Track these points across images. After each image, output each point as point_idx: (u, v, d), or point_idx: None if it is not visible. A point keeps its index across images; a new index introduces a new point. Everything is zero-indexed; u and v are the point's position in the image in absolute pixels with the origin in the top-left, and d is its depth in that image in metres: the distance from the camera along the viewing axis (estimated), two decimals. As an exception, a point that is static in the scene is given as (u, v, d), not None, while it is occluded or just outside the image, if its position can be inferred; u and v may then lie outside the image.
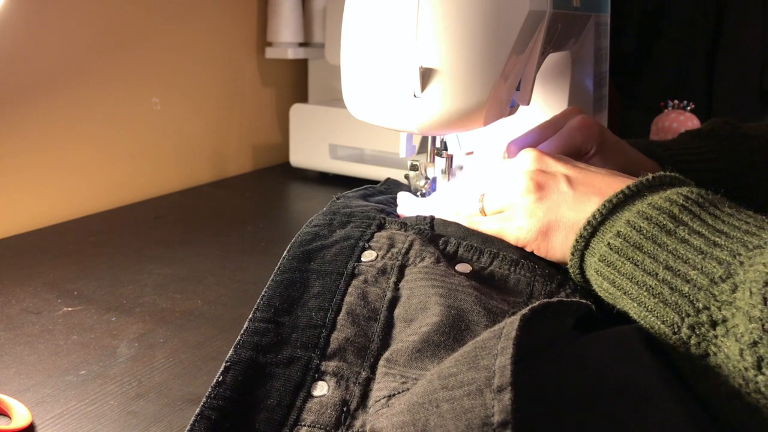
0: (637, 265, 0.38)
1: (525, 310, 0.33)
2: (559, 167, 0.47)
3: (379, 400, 0.36)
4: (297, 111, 1.10)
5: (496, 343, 0.31)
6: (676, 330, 0.35)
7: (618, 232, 0.40)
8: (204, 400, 0.37)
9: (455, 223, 0.51)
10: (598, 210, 0.42)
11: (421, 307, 0.42)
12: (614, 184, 0.44)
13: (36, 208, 0.84)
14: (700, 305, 0.35)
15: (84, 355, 0.52)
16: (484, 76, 0.50)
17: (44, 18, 0.82)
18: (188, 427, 0.36)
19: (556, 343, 0.36)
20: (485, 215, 0.50)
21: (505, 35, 0.50)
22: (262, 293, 0.44)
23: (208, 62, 1.08)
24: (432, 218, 0.52)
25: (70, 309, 0.59)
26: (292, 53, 1.14)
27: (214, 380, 0.38)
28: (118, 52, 0.92)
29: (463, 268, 0.46)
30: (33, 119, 0.82)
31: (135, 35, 0.94)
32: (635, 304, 0.38)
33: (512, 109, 0.58)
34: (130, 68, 0.94)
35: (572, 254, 0.43)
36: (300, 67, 1.26)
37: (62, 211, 0.86)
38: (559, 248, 0.45)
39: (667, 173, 0.43)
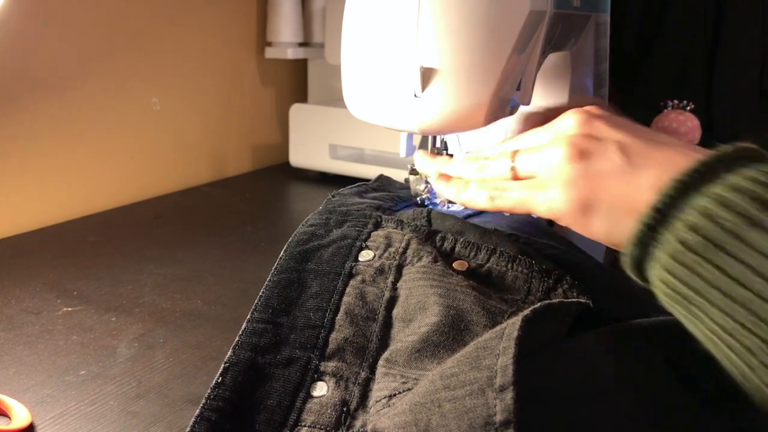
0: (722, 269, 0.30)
1: (527, 311, 0.32)
2: (611, 133, 0.39)
3: (380, 400, 0.36)
4: (297, 111, 1.10)
5: (498, 343, 0.31)
6: None
7: (693, 223, 0.31)
8: (203, 401, 0.37)
9: (452, 217, 0.51)
10: (667, 194, 0.33)
11: (419, 307, 0.42)
12: (676, 157, 0.36)
13: (36, 208, 0.84)
14: None
15: (84, 356, 0.51)
16: (485, 76, 0.50)
17: (44, 19, 0.82)
18: (188, 429, 0.36)
19: (556, 341, 0.36)
20: (515, 178, 0.43)
21: (505, 35, 0.50)
22: (260, 294, 0.44)
23: (208, 62, 1.08)
24: (429, 212, 0.52)
25: (69, 309, 0.59)
26: (291, 53, 1.14)
27: (214, 381, 0.38)
28: (118, 53, 0.92)
29: (460, 265, 0.46)
30: (32, 120, 0.82)
31: (134, 36, 0.94)
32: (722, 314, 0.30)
33: (512, 109, 0.58)
34: (130, 69, 0.94)
35: (634, 245, 0.34)
36: (300, 67, 1.26)
37: (62, 211, 0.86)
38: (602, 229, 0.37)
39: (745, 144, 0.34)
